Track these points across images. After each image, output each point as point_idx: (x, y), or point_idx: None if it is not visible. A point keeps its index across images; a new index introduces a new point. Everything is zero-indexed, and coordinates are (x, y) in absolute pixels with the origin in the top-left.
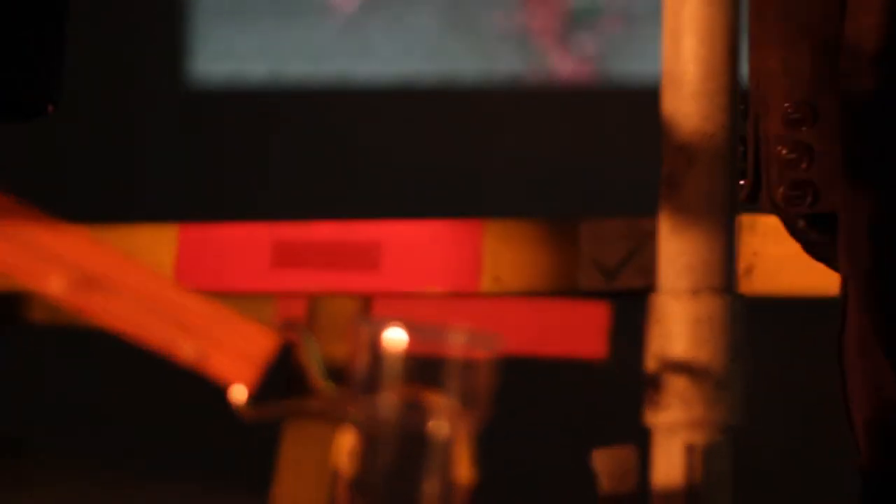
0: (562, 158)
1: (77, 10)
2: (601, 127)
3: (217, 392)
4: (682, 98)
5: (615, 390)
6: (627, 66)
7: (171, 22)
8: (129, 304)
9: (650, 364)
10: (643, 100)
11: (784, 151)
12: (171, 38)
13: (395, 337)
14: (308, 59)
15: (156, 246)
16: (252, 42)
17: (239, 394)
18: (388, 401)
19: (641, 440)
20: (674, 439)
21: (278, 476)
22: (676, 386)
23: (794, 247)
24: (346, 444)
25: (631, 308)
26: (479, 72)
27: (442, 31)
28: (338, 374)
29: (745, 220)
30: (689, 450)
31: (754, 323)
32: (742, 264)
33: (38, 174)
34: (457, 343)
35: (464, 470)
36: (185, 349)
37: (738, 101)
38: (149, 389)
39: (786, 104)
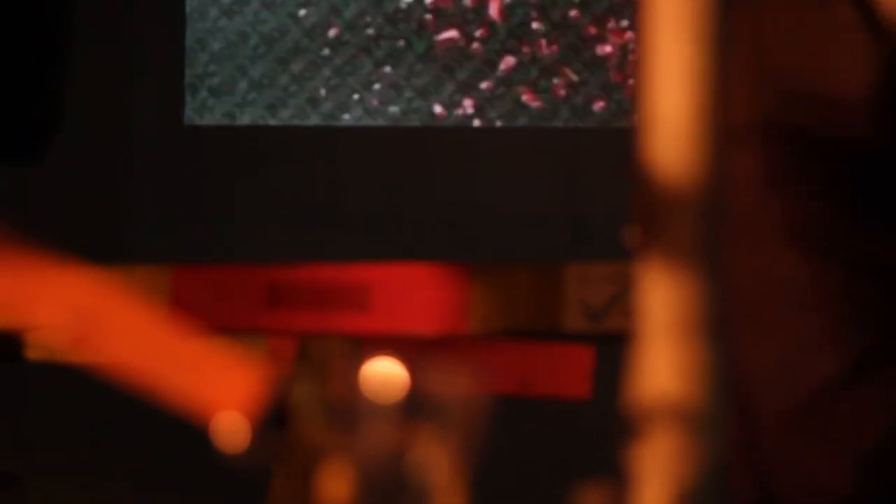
0: (549, 199)
1: (74, 47)
2: (585, 167)
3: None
4: (663, 140)
5: (599, 430)
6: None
7: (168, 62)
8: (123, 344)
9: (633, 405)
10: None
11: None
12: (167, 78)
13: (386, 376)
14: (301, 102)
15: (151, 287)
16: (247, 85)
17: (229, 432)
18: (379, 439)
19: (624, 480)
20: (657, 480)
21: None
22: (659, 427)
23: None
24: (336, 482)
25: (616, 349)
26: (464, 115)
27: (429, 75)
28: (328, 412)
29: None
30: (673, 490)
31: None
32: None
33: (33, 211)
34: (446, 382)
35: None
36: (177, 388)
37: (723, 140)
38: (148, 423)
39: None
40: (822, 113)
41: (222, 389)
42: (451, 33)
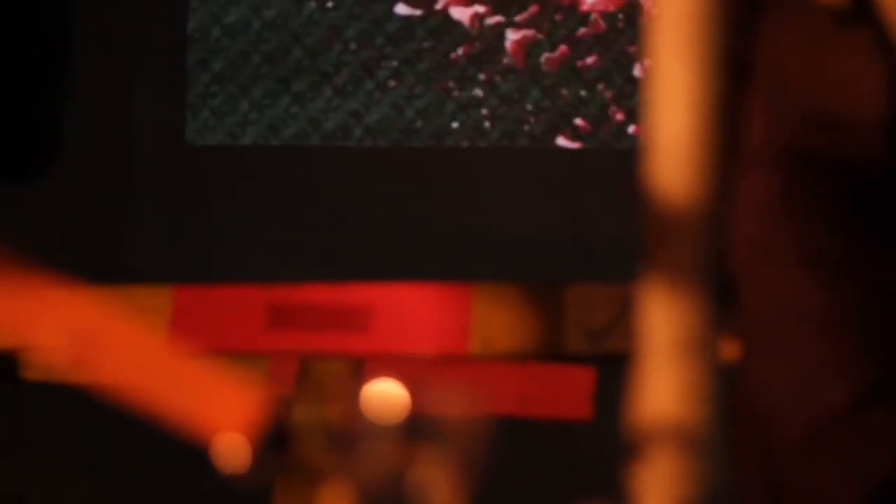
0: (549, 219)
1: (76, 67)
2: (587, 188)
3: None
4: (666, 163)
5: (600, 450)
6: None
7: (169, 82)
8: (123, 364)
9: (633, 426)
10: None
11: None
12: (169, 99)
13: (388, 397)
14: (302, 123)
15: (151, 307)
16: (248, 105)
17: (230, 453)
18: (380, 459)
19: (625, 500)
20: (658, 499)
21: None
22: (660, 448)
23: None
24: (337, 502)
25: (616, 370)
26: (467, 135)
27: (431, 95)
28: (329, 433)
29: None
30: None
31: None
32: None
33: (33, 231)
34: (447, 403)
35: None
36: (177, 409)
37: (722, 166)
38: (149, 445)
39: None
40: (838, 136)
41: (222, 410)
42: (555, 54)
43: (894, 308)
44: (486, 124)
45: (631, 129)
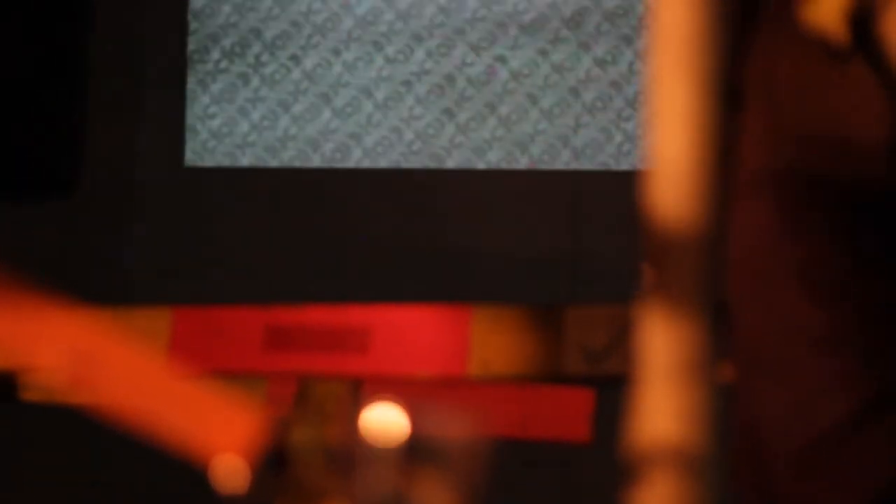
0: (549, 242)
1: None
2: (586, 210)
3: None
4: (666, 185)
5: (598, 473)
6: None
7: (169, 104)
8: (122, 386)
9: (632, 448)
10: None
11: None
12: (168, 120)
13: (386, 418)
14: (302, 145)
15: (150, 329)
16: (248, 127)
17: (229, 474)
18: (379, 481)
19: None
20: None
21: None
22: (659, 470)
23: None
24: None
25: (615, 393)
26: (468, 158)
27: (431, 117)
28: (328, 455)
29: None
30: None
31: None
32: None
33: (34, 253)
34: (446, 425)
35: None
36: (177, 430)
37: (720, 188)
38: (148, 467)
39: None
40: (837, 157)
41: (221, 432)
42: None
43: (892, 326)
44: (486, 146)
45: (630, 151)
